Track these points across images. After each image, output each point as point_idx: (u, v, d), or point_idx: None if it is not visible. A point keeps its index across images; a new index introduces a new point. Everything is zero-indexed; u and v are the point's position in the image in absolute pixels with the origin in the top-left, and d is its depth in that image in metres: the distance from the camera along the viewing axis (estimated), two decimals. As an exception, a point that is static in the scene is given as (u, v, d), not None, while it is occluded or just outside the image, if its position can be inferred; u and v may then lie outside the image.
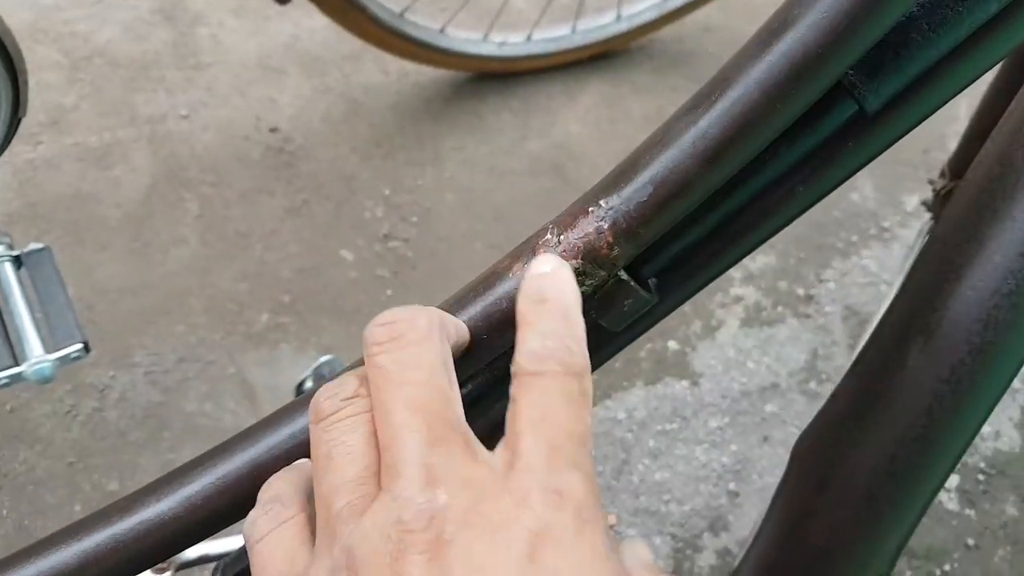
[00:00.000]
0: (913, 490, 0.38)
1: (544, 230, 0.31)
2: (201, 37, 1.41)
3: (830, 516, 0.40)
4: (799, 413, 1.11)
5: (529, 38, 1.35)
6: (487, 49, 1.32)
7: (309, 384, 0.87)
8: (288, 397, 1.10)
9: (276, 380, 1.08)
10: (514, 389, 0.26)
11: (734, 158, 0.29)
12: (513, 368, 0.27)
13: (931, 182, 0.81)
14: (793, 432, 1.10)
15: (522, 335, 0.27)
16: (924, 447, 0.37)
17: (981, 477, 1.23)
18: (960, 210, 0.38)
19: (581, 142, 1.34)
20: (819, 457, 0.42)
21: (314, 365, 0.88)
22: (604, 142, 1.34)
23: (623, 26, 1.39)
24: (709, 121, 0.28)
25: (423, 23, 1.24)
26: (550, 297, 0.28)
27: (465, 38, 1.30)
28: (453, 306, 0.32)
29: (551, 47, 1.37)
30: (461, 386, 0.28)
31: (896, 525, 0.39)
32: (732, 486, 1.11)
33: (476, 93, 1.38)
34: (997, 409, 1.22)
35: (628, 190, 0.30)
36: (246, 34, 1.42)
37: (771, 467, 1.11)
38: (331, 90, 1.35)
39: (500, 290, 0.31)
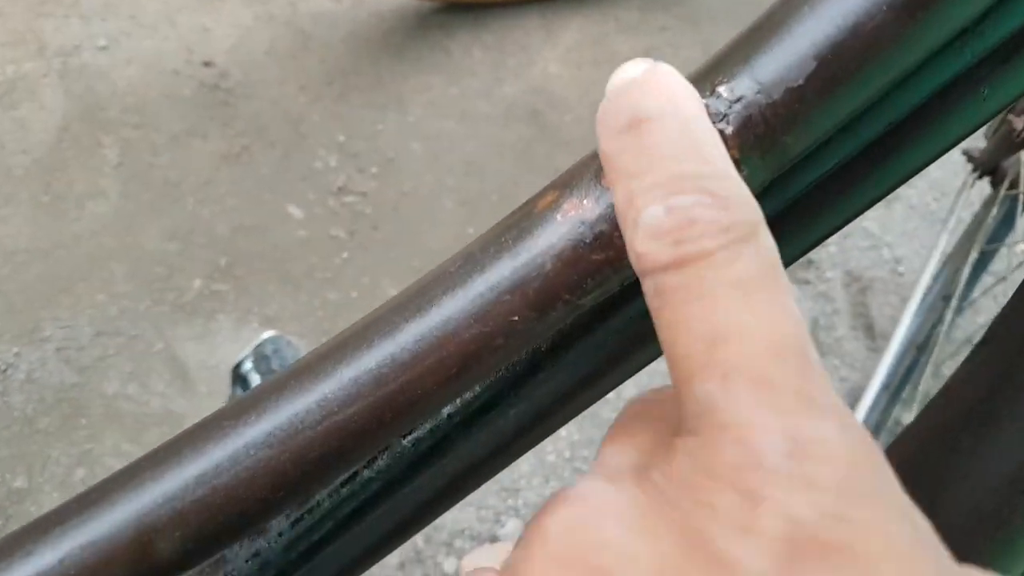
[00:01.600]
0: None
1: None
2: (123, -45, 1.22)
3: (944, 538, 0.30)
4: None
5: (504, -35, 1.20)
6: (456, -25, 1.16)
7: (248, 366, 0.73)
8: (226, 377, 0.95)
9: (211, 357, 0.93)
10: (651, 301, 0.16)
11: (952, 10, 0.17)
12: (635, 263, 0.16)
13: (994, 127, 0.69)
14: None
15: (623, 199, 0.16)
16: None
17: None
18: None
19: (562, 86, 1.19)
20: (928, 464, 0.33)
21: (255, 343, 0.74)
22: (587, 87, 1.20)
23: (608, -45, 1.24)
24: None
25: (383, -58, 1.08)
26: (652, 112, 0.16)
27: (431, -38, 1.14)
28: (455, 275, 0.19)
29: (528, -24, 1.21)
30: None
31: None
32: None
33: (444, 26, 1.21)
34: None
35: (770, 65, 0.17)
36: (176, -47, 1.23)
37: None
38: (275, 18, 1.17)
39: (542, 242, 0.18)
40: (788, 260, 0.22)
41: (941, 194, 1.18)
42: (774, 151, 0.17)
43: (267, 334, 0.69)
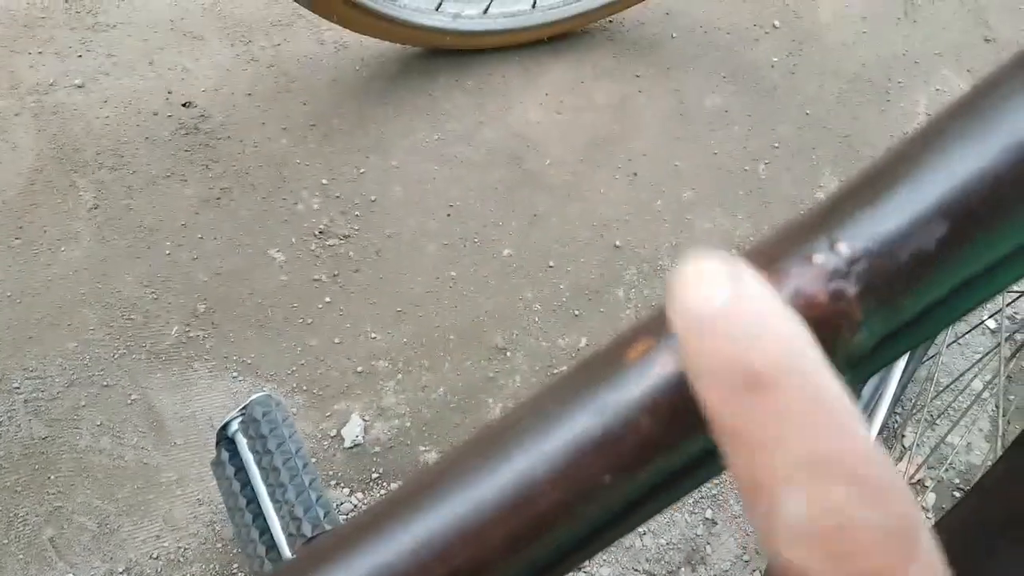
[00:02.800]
0: None
1: None
2: (99, -7, 1.20)
3: None
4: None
5: (486, 12, 1.20)
6: (440, 21, 1.16)
7: (235, 427, 0.70)
8: (205, 428, 0.92)
9: (188, 408, 0.90)
10: None
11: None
12: (777, 565, 0.14)
13: None
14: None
15: (746, 474, 0.14)
16: None
17: (957, 493, 1.16)
18: None
19: (542, 131, 1.20)
20: (968, 565, 0.33)
21: (243, 404, 0.72)
22: (567, 131, 1.20)
23: (585, 4, 1.26)
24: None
25: (367, -13, 1.08)
26: (774, 369, 0.13)
27: (416, 7, 1.14)
28: (526, 430, 0.17)
29: (509, 23, 1.22)
30: None
31: None
32: (709, 514, 1.01)
33: (426, 72, 1.22)
34: (967, 421, 1.16)
35: (893, 225, 0.16)
36: (154, -8, 1.21)
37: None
38: (257, 60, 1.16)
39: (633, 395, 0.16)
40: (878, 368, 0.21)
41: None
42: (893, 314, 0.16)
43: (257, 395, 0.67)
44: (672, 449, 0.16)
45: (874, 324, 0.16)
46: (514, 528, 0.16)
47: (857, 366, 0.17)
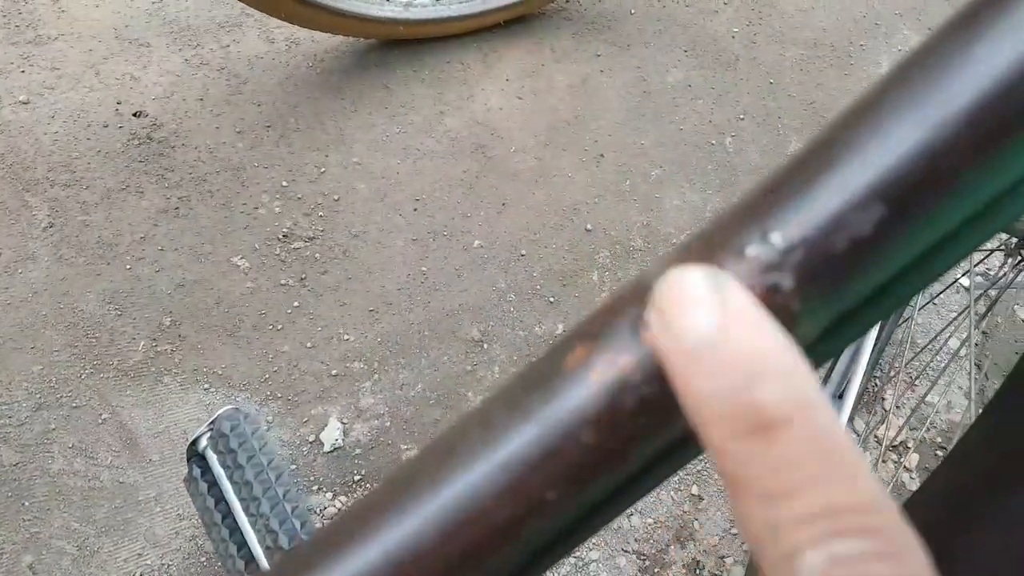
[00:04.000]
0: None
1: (641, 287, 0.16)
2: (41, 4, 1.16)
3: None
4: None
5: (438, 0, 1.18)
6: (391, 11, 1.14)
7: (204, 443, 0.69)
8: (179, 442, 0.90)
9: (161, 423, 0.88)
10: None
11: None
12: None
13: None
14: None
15: (761, 527, 0.13)
16: None
17: (939, 452, 1.17)
18: None
19: (504, 117, 1.18)
20: (943, 531, 0.32)
21: (211, 419, 0.70)
22: (529, 117, 1.19)
23: (541, -16, 1.24)
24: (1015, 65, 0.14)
25: (314, -18, 1.05)
26: (780, 414, 0.13)
27: (365, -1, 1.12)
28: (471, 444, 0.16)
29: (463, 9, 1.20)
30: None
31: None
32: (695, 489, 1.01)
33: (382, 64, 1.19)
34: (945, 380, 1.16)
35: (827, 211, 0.15)
36: (97, 0, 1.18)
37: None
38: (207, 64, 1.13)
39: (574, 407, 0.15)
40: (833, 353, 0.20)
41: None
42: (835, 302, 0.15)
43: (223, 409, 0.66)
44: (618, 458, 0.15)
45: (816, 314, 0.15)
46: (466, 545, 0.15)
47: (808, 355, 0.16)
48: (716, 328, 0.13)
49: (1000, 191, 0.16)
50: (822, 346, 0.17)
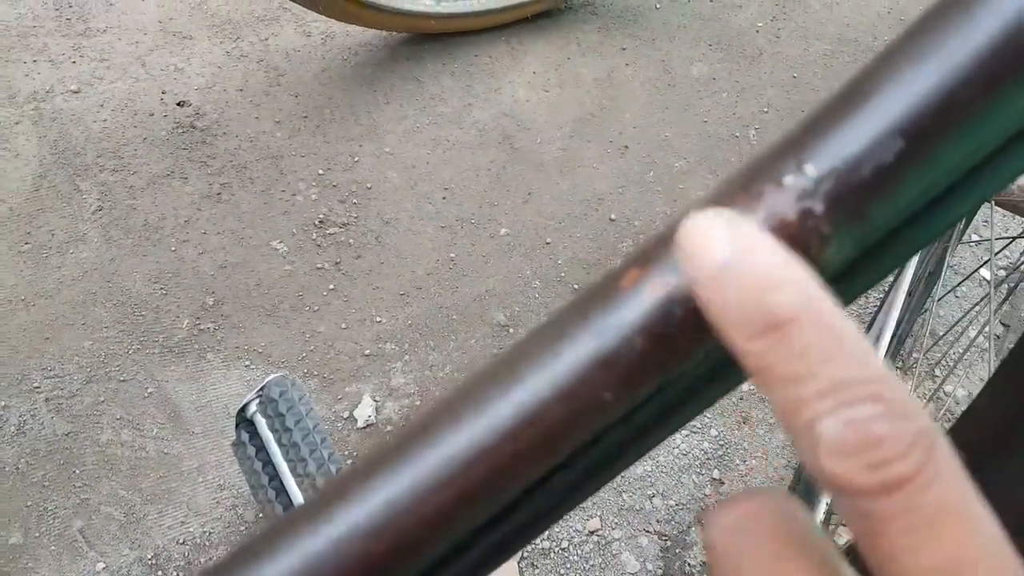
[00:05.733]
0: None
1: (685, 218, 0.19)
2: (88, -1, 1.21)
3: None
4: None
5: (469, -6, 1.22)
6: (422, 6, 1.18)
7: (253, 409, 0.73)
8: (221, 416, 0.95)
9: (204, 397, 0.93)
10: (855, 523, 0.16)
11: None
12: (825, 481, 0.16)
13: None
14: (769, 412, 1.02)
15: (786, 407, 0.16)
16: None
17: (958, 443, 1.19)
18: None
19: (530, 109, 1.22)
20: None
21: (260, 385, 0.74)
22: (555, 109, 1.22)
23: (568, -20, 1.27)
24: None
25: (350, -23, 1.09)
26: (788, 311, 0.16)
27: (399, -6, 1.16)
28: (531, 354, 0.19)
29: (492, 4, 1.24)
30: None
31: None
32: (716, 473, 1.04)
33: (413, 57, 1.23)
34: (965, 370, 1.18)
35: (855, 144, 0.17)
36: (142, -5, 1.23)
37: (753, 449, 1.04)
38: (246, 56, 1.18)
39: (631, 319, 0.18)
40: (861, 290, 0.23)
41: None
42: (864, 227, 0.18)
43: (272, 376, 0.70)
44: (665, 366, 0.18)
45: (844, 237, 0.18)
46: (525, 442, 0.18)
47: (838, 281, 0.19)
48: (731, 252, 0.16)
49: (1004, 131, 0.18)
50: (850, 279, 0.20)
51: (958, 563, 0.15)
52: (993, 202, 0.79)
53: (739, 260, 0.16)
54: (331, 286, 1.02)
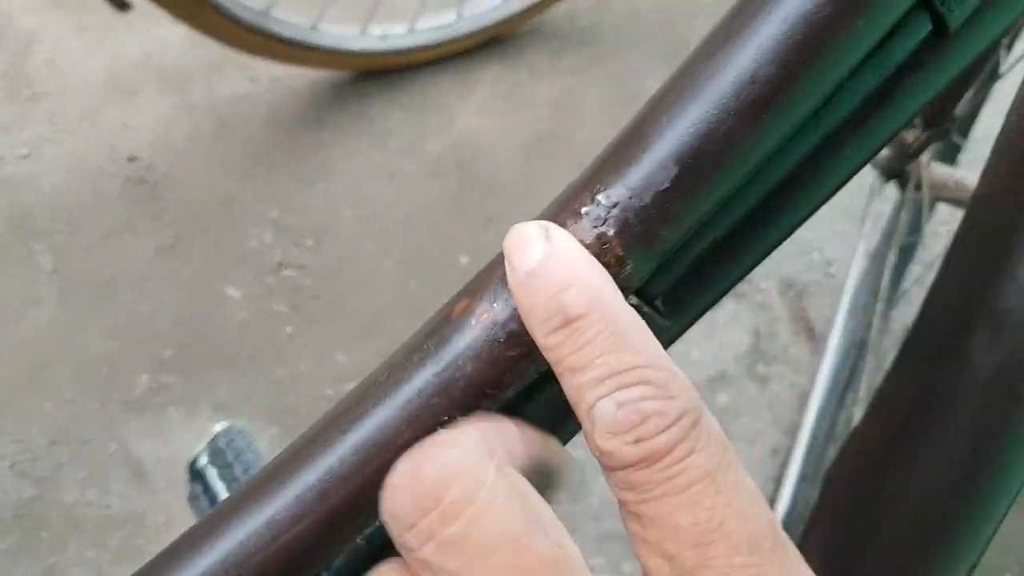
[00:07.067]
0: (993, 503, 0.32)
1: None
2: (36, 62, 1.22)
3: (891, 552, 0.34)
4: (752, 401, 1.04)
5: (412, 29, 1.23)
6: (367, 44, 1.19)
7: (203, 461, 0.73)
8: (182, 469, 0.95)
9: (167, 451, 0.93)
10: (623, 495, 0.18)
11: (798, 107, 0.19)
12: (600, 459, 0.18)
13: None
14: (748, 423, 1.02)
15: (572, 393, 0.18)
16: (1005, 449, 0.31)
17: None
18: (1012, 167, 0.29)
19: (484, 136, 1.22)
20: (865, 490, 0.35)
21: (207, 437, 0.74)
22: (509, 134, 1.23)
23: (512, 7, 1.28)
24: (759, 52, 0.18)
25: (292, 20, 1.10)
26: (580, 309, 0.18)
27: (341, 34, 1.17)
28: (384, 385, 0.20)
29: (437, 36, 1.25)
30: None
31: (972, 547, 0.33)
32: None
33: (360, 94, 1.24)
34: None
35: (639, 174, 0.19)
36: (89, 53, 1.24)
37: (731, 462, 1.04)
38: (194, 107, 1.19)
39: (461, 346, 0.20)
40: (687, 323, 0.25)
41: (866, 195, 1.23)
42: (653, 245, 0.20)
43: (218, 426, 0.69)
44: (498, 386, 0.19)
45: (639, 258, 0.20)
46: (380, 466, 0.19)
47: (642, 291, 0.21)
48: (540, 260, 0.18)
49: (764, 154, 0.20)
50: (653, 286, 0.22)
51: (709, 526, 0.16)
52: (929, 198, 0.80)
53: (544, 264, 0.18)
54: (289, 329, 1.02)
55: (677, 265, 0.23)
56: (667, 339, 0.24)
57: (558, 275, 0.18)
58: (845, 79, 0.20)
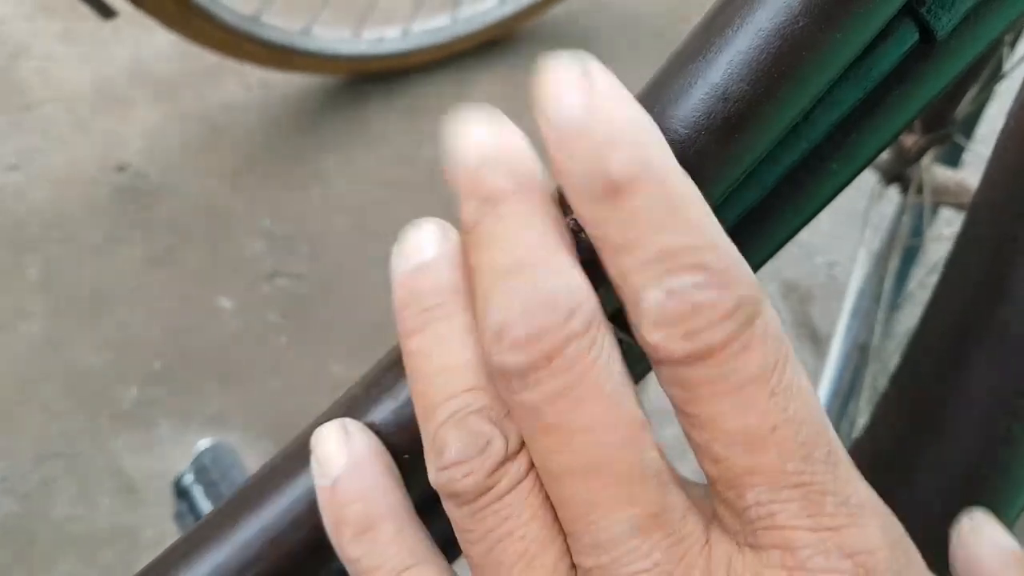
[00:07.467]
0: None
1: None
2: (26, 72, 1.21)
3: None
4: (756, 409, 1.02)
5: (406, 32, 1.21)
6: (361, 48, 1.18)
7: (189, 479, 0.71)
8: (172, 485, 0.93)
9: (157, 465, 0.91)
10: (672, 391, 0.16)
11: (772, 124, 0.18)
12: (647, 350, 0.16)
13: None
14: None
15: (616, 276, 0.16)
16: (1005, 466, 0.29)
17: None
18: (1011, 174, 0.28)
19: (480, 140, 1.21)
20: None
21: (192, 455, 0.73)
22: (505, 137, 1.21)
23: (507, 9, 1.27)
24: (731, 68, 0.17)
25: (283, 25, 1.09)
26: (628, 174, 0.15)
27: (334, 37, 1.15)
28: (361, 398, 0.21)
29: (432, 40, 1.23)
30: None
31: None
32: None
33: (356, 98, 1.23)
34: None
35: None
36: (79, 62, 1.23)
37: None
38: (186, 114, 1.18)
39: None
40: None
41: (868, 197, 1.21)
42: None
43: (203, 444, 0.68)
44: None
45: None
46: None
47: (620, 319, 0.19)
48: (581, 109, 0.15)
49: (740, 173, 0.18)
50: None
51: (760, 431, 0.15)
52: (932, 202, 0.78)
53: (586, 115, 0.15)
54: (283, 340, 1.00)
55: None
56: (646, 367, 0.22)
57: (602, 130, 0.15)
58: (826, 92, 0.19)
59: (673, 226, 0.15)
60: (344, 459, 0.18)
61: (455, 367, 0.17)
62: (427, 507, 0.21)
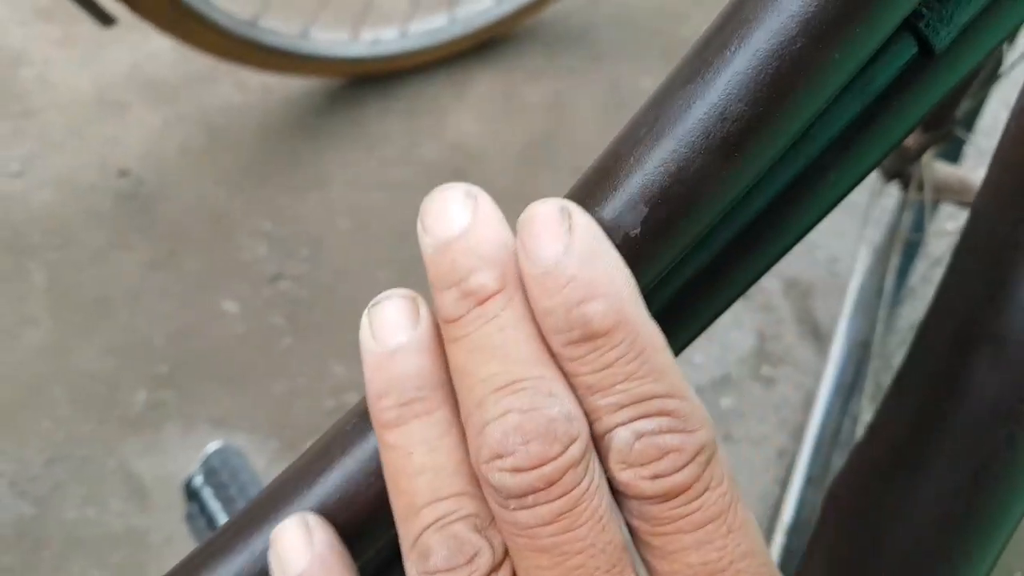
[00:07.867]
0: (995, 528, 0.31)
1: None
2: (25, 79, 1.22)
3: (893, 573, 0.33)
4: (757, 403, 1.03)
5: (404, 33, 1.22)
6: (358, 50, 1.18)
7: (199, 481, 0.72)
8: (181, 487, 0.94)
9: (165, 468, 0.92)
10: (636, 523, 0.17)
11: (771, 143, 0.18)
12: (616, 486, 0.17)
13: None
14: (753, 425, 1.01)
15: (588, 410, 0.17)
16: (1006, 473, 0.30)
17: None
18: (1012, 178, 0.28)
19: (478, 141, 1.21)
20: (866, 507, 0.34)
21: (202, 457, 0.73)
22: (503, 138, 1.22)
23: (505, 8, 1.27)
24: (729, 90, 0.17)
25: (281, 28, 1.09)
26: (605, 320, 0.16)
27: (332, 40, 1.16)
28: (347, 435, 0.20)
29: (430, 40, 1.24)
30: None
31: (976, 570, 0.32)
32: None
33: (354, 100, 1.23)
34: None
35: (607, 211, 0.18)
36: (77, 68, 1.23)
37: (736, 467, 1.03)
38: (184, 119, 1.18)
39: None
40: (676, 350, 0.23)
41: (869, 192, 1.22)
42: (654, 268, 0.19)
43: (213, 446, 0.69)
44: None
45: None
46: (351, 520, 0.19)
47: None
48: (561, 255, 0.16)
49: (740, 190, 0.19)
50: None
51: (719, 564, 0.16)
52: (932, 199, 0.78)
53: (566, 262, 0.16)
54: (286, 342, 1.01)
55: (657, 298, 0.22)
56: None
57: (583, 279, 0.16)
58: (825, 108, 0.19)
59: (644, 374, 0.16)
60: (306, 559, 0.17)
61: (440, 469, 0.17)
62: None
